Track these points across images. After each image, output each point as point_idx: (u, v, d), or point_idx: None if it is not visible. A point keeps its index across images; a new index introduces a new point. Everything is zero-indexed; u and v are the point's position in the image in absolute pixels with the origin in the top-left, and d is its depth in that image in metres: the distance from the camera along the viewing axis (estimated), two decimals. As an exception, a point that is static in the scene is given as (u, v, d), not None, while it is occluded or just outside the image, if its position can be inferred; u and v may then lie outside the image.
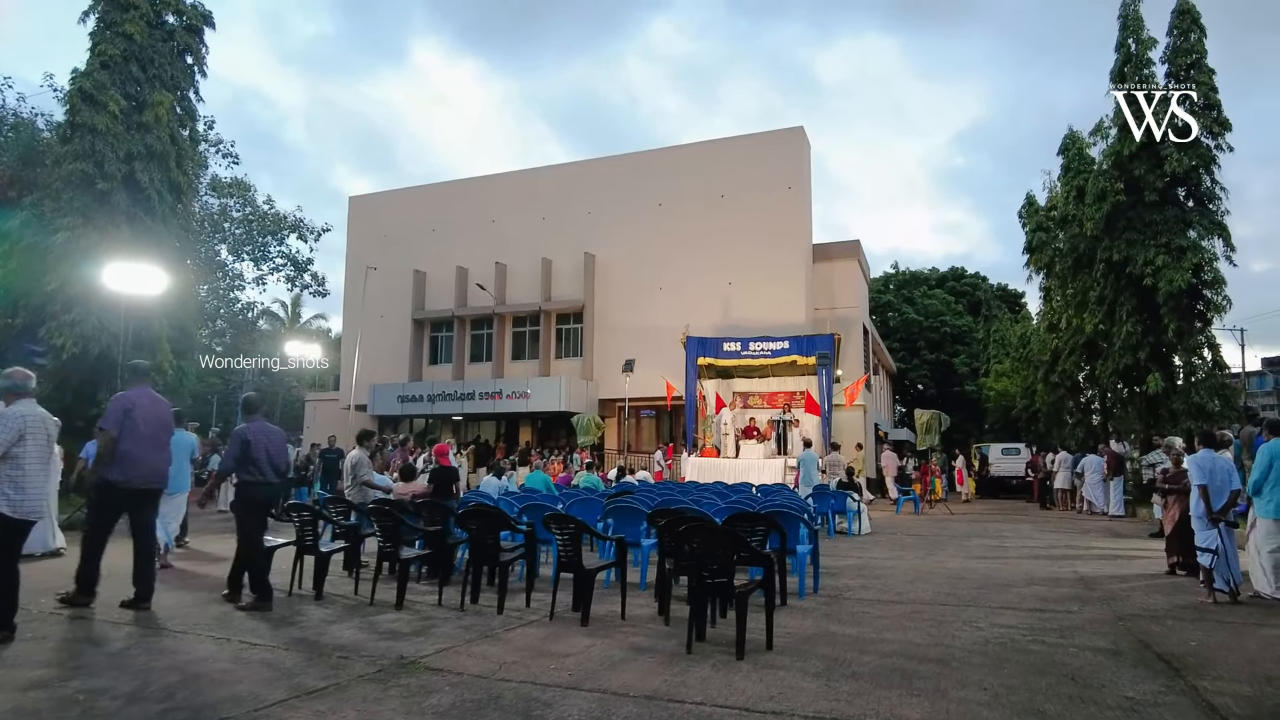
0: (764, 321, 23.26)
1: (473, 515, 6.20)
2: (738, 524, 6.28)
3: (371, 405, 28.41)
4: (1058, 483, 19.10)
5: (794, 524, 6.99)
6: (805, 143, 25.96)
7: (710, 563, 4.74)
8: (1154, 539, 12.39)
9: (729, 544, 4.72)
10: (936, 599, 6.96)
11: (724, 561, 4.72)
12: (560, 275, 27.85)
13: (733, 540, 4.75)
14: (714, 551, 4.72)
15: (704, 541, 4.77)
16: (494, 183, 30.32)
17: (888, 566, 9.20)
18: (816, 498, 12.96)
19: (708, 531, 4.76)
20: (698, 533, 4.81)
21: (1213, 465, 7.02)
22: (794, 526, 6.98)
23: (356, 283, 32.02)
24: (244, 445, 6.11)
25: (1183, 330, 14.58)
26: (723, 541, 4.71)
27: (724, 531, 4.71)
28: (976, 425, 40.91)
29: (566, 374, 26.41)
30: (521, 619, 5.89)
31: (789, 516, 7.04)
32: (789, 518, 7.02)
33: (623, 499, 8.67)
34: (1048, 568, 9.13)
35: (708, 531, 4.76)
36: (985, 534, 13.35)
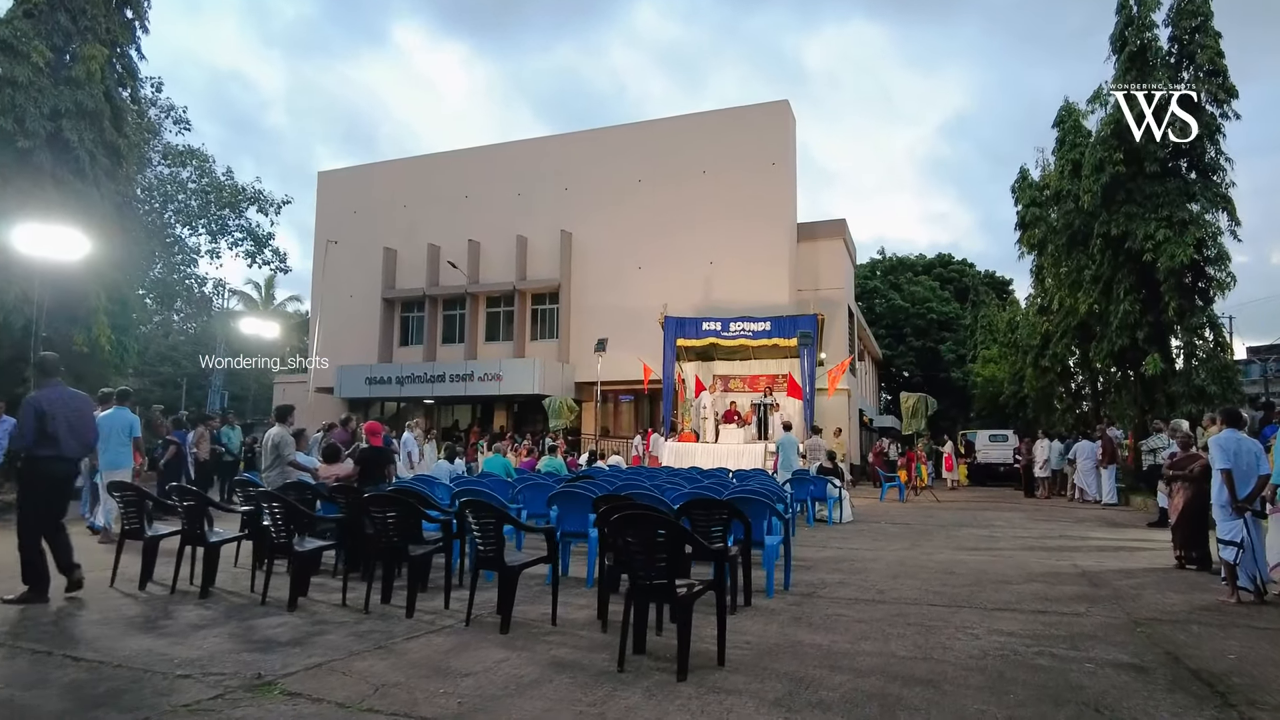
0: (746, 302, 22.33)
1: (382, 500, 5.23)
2: (694, 512, 5.37)
3: (338, 388, 27.31)
4: (1037, 470, 18.43)
5: (761, 512, 6.08)
6: (790, 117, 24.95)
7: (648, 560, 3.81)
8: (1153, 528, 11.67)
9: (671, 537, 3.79)
10: (924, 598, 6.08)
11: (665, 558, 3.79)
12: (536, 254, 26.77)
13: (675, 532, 3.81)
14: (652, 546, 3.79)
15: (640, 534, 3.83)
16: (467, 157, 29.13)
17: (869, 558, 8.33)
18: (795, 484, 12.08)
19: (646, 521, 3.82)
20: (634, 523, 3.87)
21: (1238, 447, 6.15)
22: (761, 515, 6.07)
23: (327, 260, 30.91)
24: (39, 416, 5.19)
25: (1184, 309, 13.75)
26: (663, 533, 3.78)
27: (663, 521, 3.77)
28: (963, 412, 40.28)
29: (542, 356, 25.40)
30: (433, 624, 4.95)
31: (756, 504, 6.13)
32: (756, 505, 6.11)
33: (575, 484, 7.73)
34: (1045, 561, 8.29)
35: (646, 521, 3.82)
36: (974, 523, 12.53)
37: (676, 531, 3.77)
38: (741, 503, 6.09)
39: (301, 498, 6.88)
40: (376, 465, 7.54)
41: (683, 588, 3.95)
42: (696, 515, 5.35)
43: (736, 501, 6.09)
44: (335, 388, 27.46)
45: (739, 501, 6.09)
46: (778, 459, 14.67)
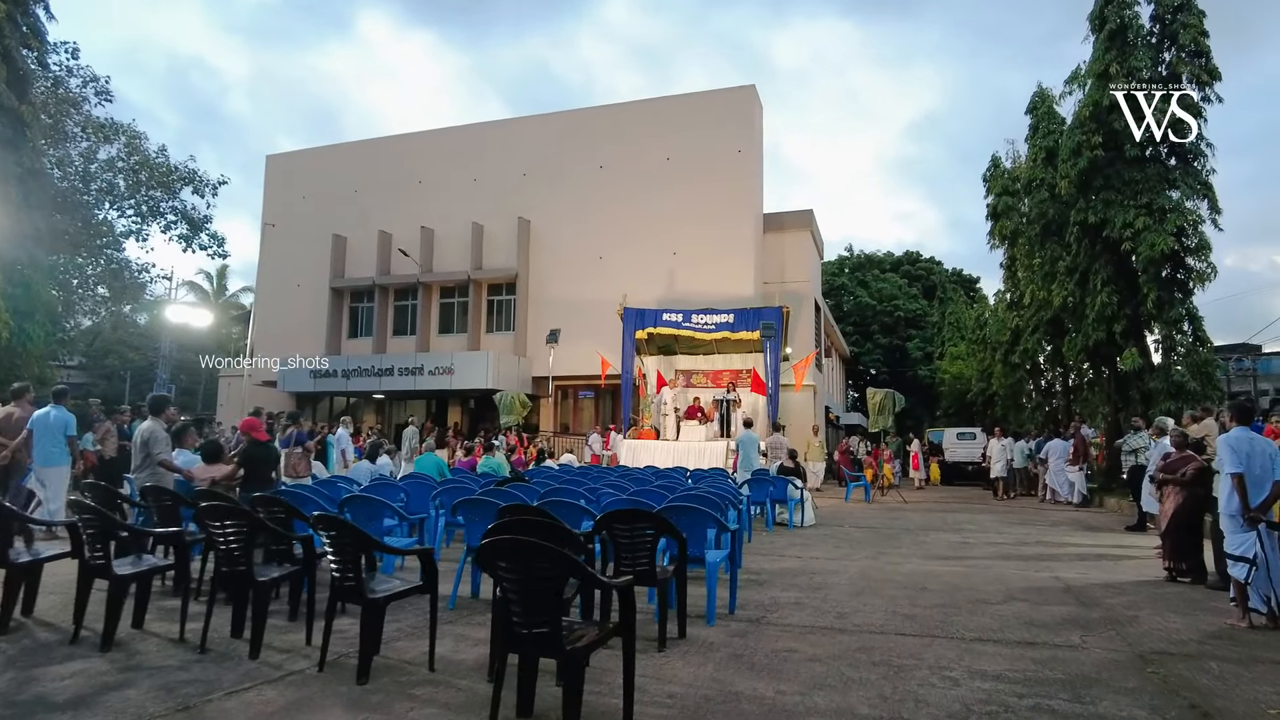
0: (710, 295, 21.40)
1: (220, 511, 4.17)
2: (616, 526, 4.39)
3: (282, 381, 25.89)
4: (994, 470, 17.46)
5: (700, 524, 5.12)
6: (756, 103, 24.09)
7: (524, 601, 2.82)
8: (1132, 533, 10.98)
9: (558, 570, 2.80)
10: (891, 623, 5.17)
11: (548, 598, 2.80)
12: (492, 242, 25.60)
13: (562, 565, 2.81)
14: (531, 582, 2.80)
15: (516, 566, 2.83)
16: (421, 141, 27.82)
17: (830, 570, 7.43)
18: (754, 484, 11.19)
19: (523, 550, 2.82)
20: (508, 552, 2.86)
21: (1250, 448, 5.32)
22: (700, 527, 5.11)
23: (273, 248, 29.46)
24: None
25: (1163, 301, 13.09)
26: (547, 566, 2.78)
27: (545, 550, 2.77)
28: (929, 410, 39.85)
29: (498, 349, 24.27)
30: (278, 669, 3.92)
31: (697, 513, 5.16)
32: (696, 515, 5.14)
33: (493, 490, 6.72)
34: (1024, 572, 7.45)
35: (523, 550, 2.82)
36: (944, 526, 11.74)
37: (564, 564, 2.77)
38: (679, 512, 5.13)
39: (160, 504, 5.80)
40: (264, 465, 6.47)
41: (580, 634, 2.97)
42: (619, 530, 4.38)
43: (674, 511, 5.13)
44: (279, 382, 26.06)
45: (675, 511, 5.13)
46: (738, 457, 13.76)
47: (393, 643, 4.49)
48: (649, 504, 5.71)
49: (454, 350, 24.68)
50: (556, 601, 2.79)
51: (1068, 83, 14.86)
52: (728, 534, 5.51)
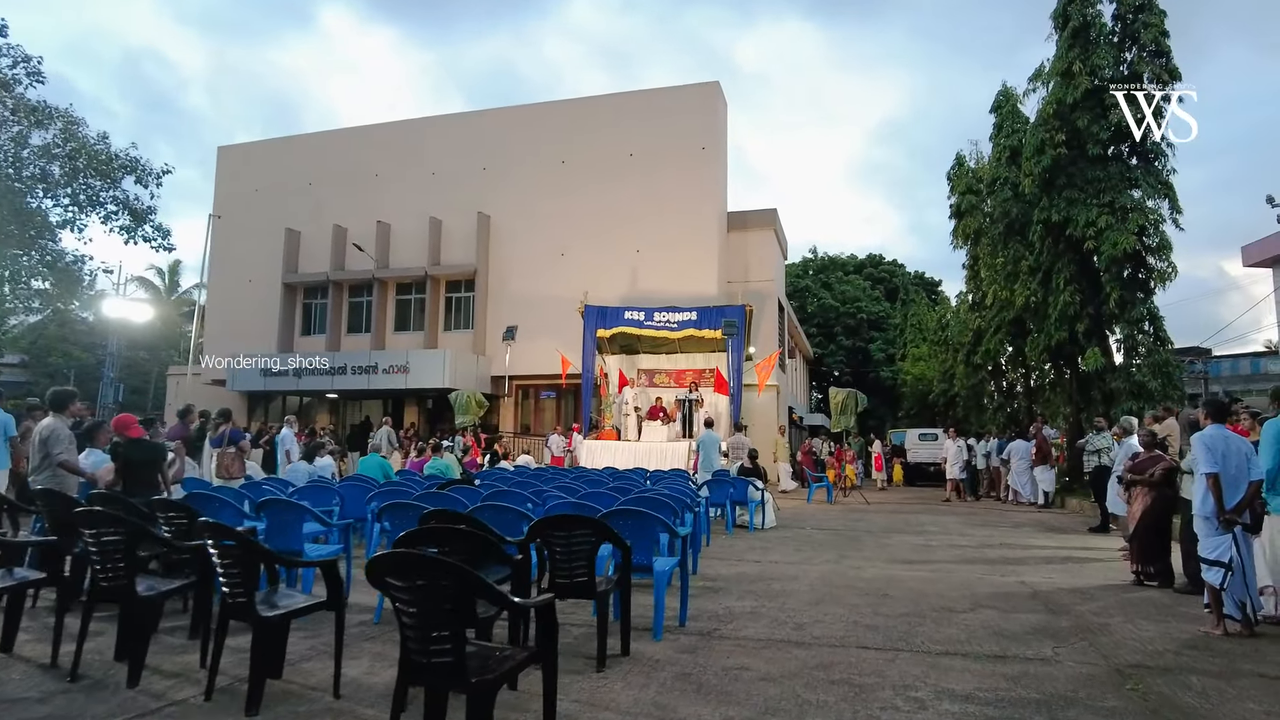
0: (673, 293, 21.03)
1: (97, 518, 3.65)
2: (551, 534, 3.97)
3: (231, 380, 24.95)
4: (950, 471, 17.05)
5: (648, 530, 4.71)
6: (721, 100, 23.81)
7: (420, 625, 2.38)
8: (1095, 534, 10.84)
9: (451, 585, 2.36)
10: (852, 635, 4.82)
11: (449, 622, 2.37)
12: (450, 237, 24.94)
13: (454, 580, 2.37)
14: (426, 600, 2.36)
15: (409, 581, 2.39)
16: (377, 133, 27.05)
17: (790, 575, 7.08)
18: (713, 486, 10.83)
19: (420, 565, 2.38)
20: (401, 568, 2.42)
21: (1225, 447, 5.07)
22: (648, 533, 4.70)
23: (223, 242, 28.42)
24: None
25: (1125, 300, 13.03)
26: (447, 585, 2.35)
27: (446, 568, 2.33)
28: (892, 411, 40.02)
29: (455, 347, 23.63)
30: (161, 697, 3.42)
31: (644, 518, 4.75)
32: (643, 520, 4.73)
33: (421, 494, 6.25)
34: (989, 577, 7.18)
35: (420, 565, 2.38)
36: (907, 528, 11.49)
37: (466, 582, 2.34)
38: (625, 517, 4.72)
39: (53, 510, 5.23)
40: (144, 467, 5.90)
41: (492, 662, 2.53)
42: (554, 538, 3.95)
43: (619, 516, 4.71)
44: (228, 380, 25.11)
45: (621, 516, 4.71)
46: (698, 458, 13.42)
47: (301, 663, 4.02)
48: (596, 508, 5.29)
49: (410, 348, 24.00)
50: (459, 626, 2.36)
51: (1031, 80, 14.79)
52: (679, 540, 5.11)
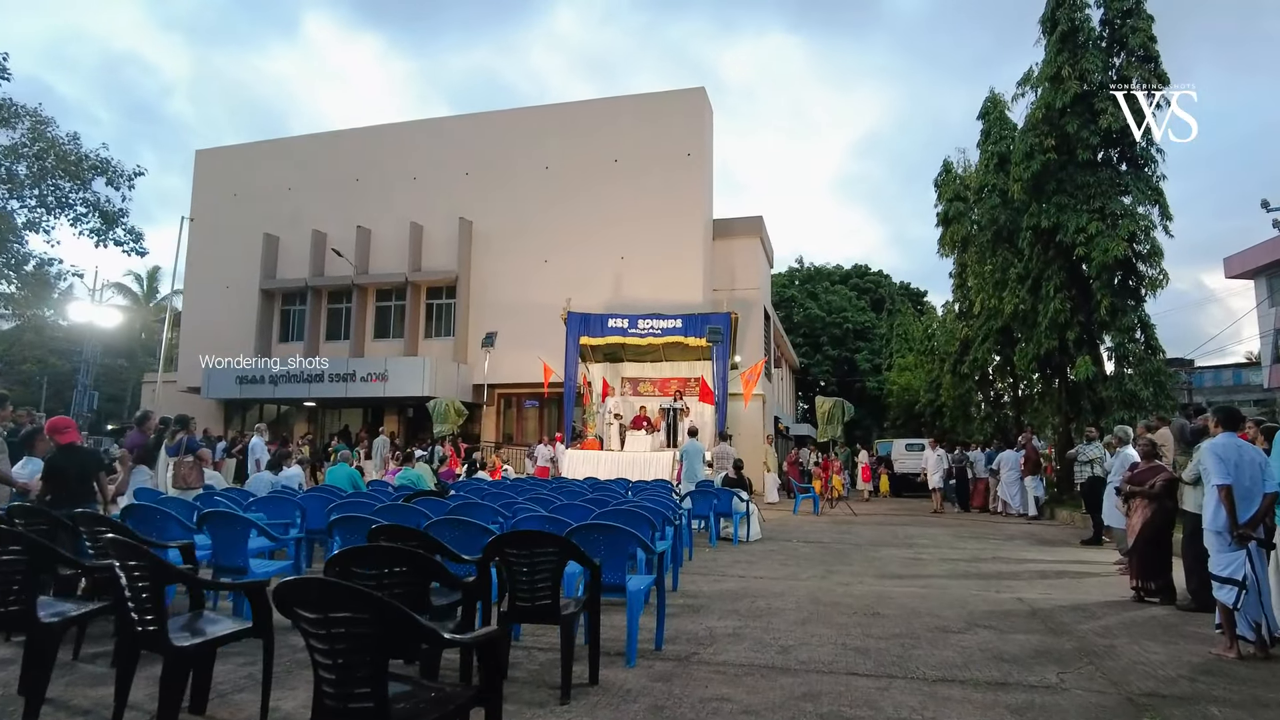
0: (658, 301, 20.71)
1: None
2: (509, 552, 3.58)
3: (206, 387, 24.37)
4: (932, 481, 16.62)
5: (621, 546, 4.33)
6: (706, 106, 23.59)
7: (333, 660, 2.00)
8: (1087, 546, 10.55)
9: (371, 619, 1.97)
10: (841, 660, 4.46)
11: (361, 659, 1.98)
12: (432, 243, 24.54)
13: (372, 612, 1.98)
14: (346, 637, 1.98)
15: (321, 613, 2.00)
16: (359, 137, 26.65)
17: (775, 592, 6.71)
18: (696, 497, 10.47)
19: (332, 593, 2.00)
20: (308, 595, 2.03)
21: (1239, 456, 4.76)
22: (621, 550, 4.33)
23: (201, 247, 27.85)
24: None
25: (1116, 308, 12.81)
26: (359, 612, 1.96)
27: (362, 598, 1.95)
28: (878, 422, 39.84)
29: (436, 355, 23.19)
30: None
31: (616, 534, 4.37)
32: (616, 536, 4.35)
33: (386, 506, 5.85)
34: (984, 593, 6.85)
35: (332, 593, 2.00)
36: (895, 540, 11.16)
37: (385, 614, 1.95)
38: (596, 533, 4.34)
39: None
40: (74, 477, 5.47)
41: (426, 706, 2.15)
42: (514, 557, 3.57)
43: (589, 532, 4.34)
44: (202, 387, 24.53)
45: (592, 532, 4.33)
46: (681, 468, 13.06)
47: (233, 694, 3.62)
48: (566, 521, 4.92)
49: (390, 356, 23.54)
50: (379, 665, 1.97)
51: (1020, 85, 14.61)
52: (656, 557, 4.73)
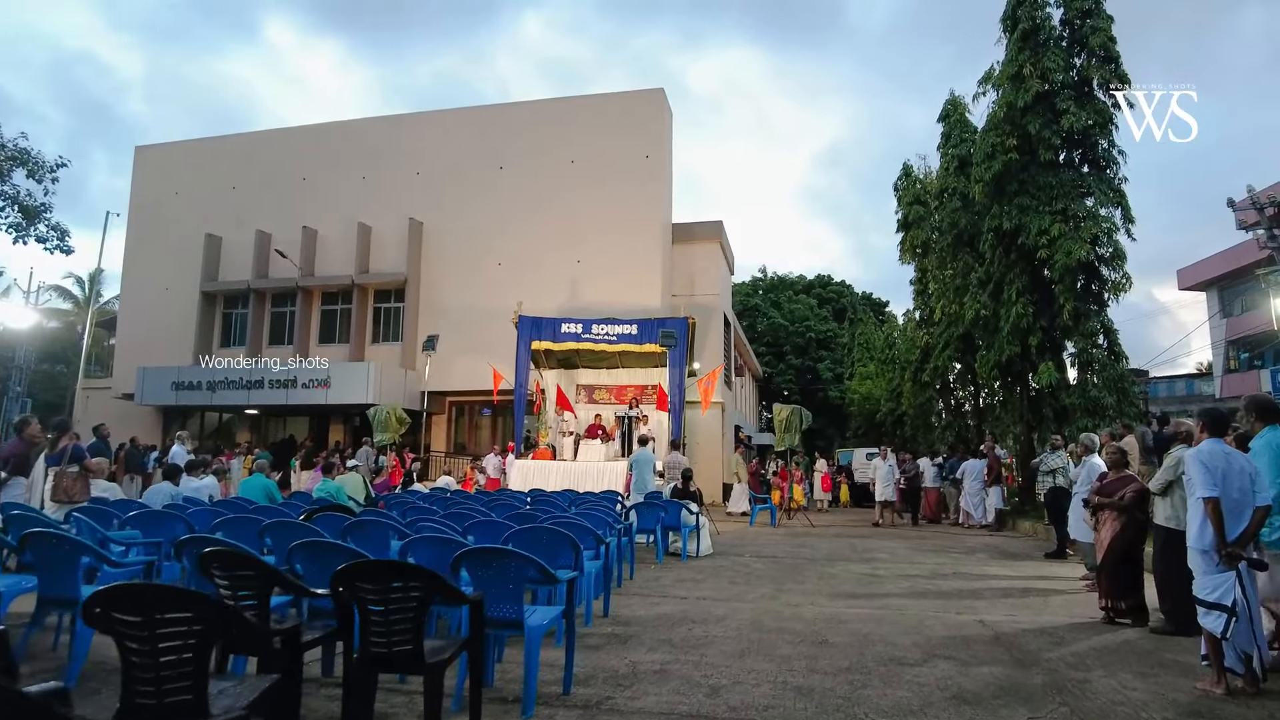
0: (616, 306, 20.03)
1: None
2: (361, 587, 2.88)
3: (139, 394, 23.16)
4: (879, 493, 15.44)
5: (518, 573, 3.63)
6: (665, 107, 23.08)
7: None
8: (1052, 560, 10.09)
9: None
10: (778, 703, 3.81)
11: None
12: (380, 245, 23.65)
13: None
14: None
15: None
16: (306, 135, 25.69)
17: (717, 616, 6.07)
18: (642, 510, 9.80)
19: None
20: None
21: (1227, 465, 4.23)
22: (518, 577, 3.63)
23: (140, 247, 26.58)
24: None
25: (1079, 312, 12.45)
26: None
27: None
28: (840, 431, 39.62)
29: (383, 360, 22.28)
30: None
31: (509, 560, 3.66)
32: (509, 562, 3.65)
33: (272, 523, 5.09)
34: (944, 614, 6.27)
35: None
36: (852, 554, 10.61)
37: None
38: (485, 559, 3.64)
39: None
40: None
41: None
42: (365, 593, 2.86)
43: (474, 558, 3.64)
44: (136, 393, 23.31)
45: (482, 557, 3.63)
46: (630, 478, 12.39)
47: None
48: (461, 542, 4.20)
49: (336, 361, 22.54)
50: None
51: (981, 83, 14.29)
52: (562, 585, 4.05)
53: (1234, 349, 34.26)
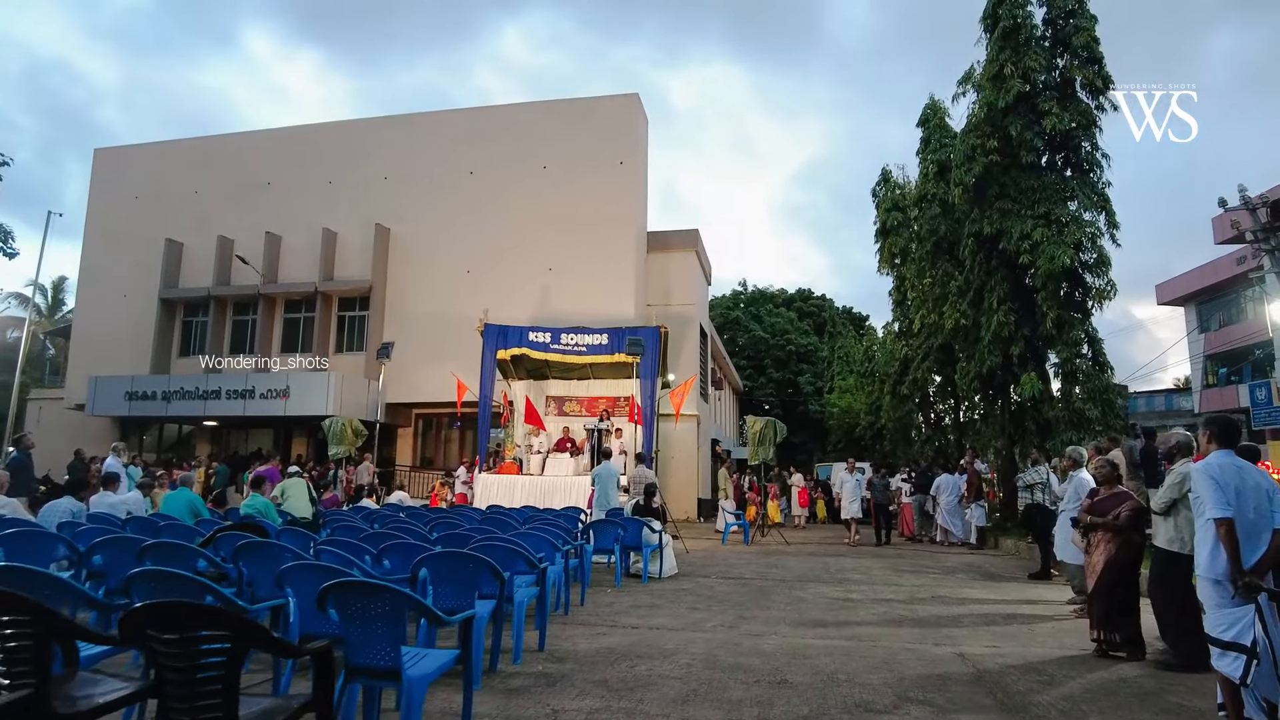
0: (588, 315, 19.34)
1: None
2: (152, 634, 2.20)
3: (91, 404, 22.18)
4: (845, 510, 14.53)
5: (393, 615, 2.96)
6: (640, 113, 22.55)
7: None
8: (1036, 581, 9.50)
9: None
10: (720, 768, 3.16)
11: None
12: (346, 251, 22.86)
13: None
14: None
15: None
16: (271, 139, 24.90)
17: (667, 650, 5.40)
18: (599, 529, 9.13)
19: None
20: None
21: (1240, 481, 3.64)
22: (394, 619, 2.95)
23: (98, 253, 25.64)
24: None
25: (1063, 320, 11.95)
26: None
27: None
28: (820, 445, 39.09)
29: (347, 370, 21.47)
30: None
31: (381, 598, 2.99)
32: (381, 603, 2.97)
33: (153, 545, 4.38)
34: (919, 645, 5.64)
35: None
36: (826, 575, 9.98)
37: None
38: (354, 594, 2.96)
39: None
40: None
41: None
42: (158, 644, 2.19)
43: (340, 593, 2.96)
44: (88, 404, 22.33)
45: (345, 593, 2.96)
46: (593, 493, 11.71)
47: None
48: (344, 574, 3.53)
49: (298, 371, 21.70)
50: None
51: (960, 84, 13.84)
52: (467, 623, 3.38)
53: (1212, 364, 34.12)
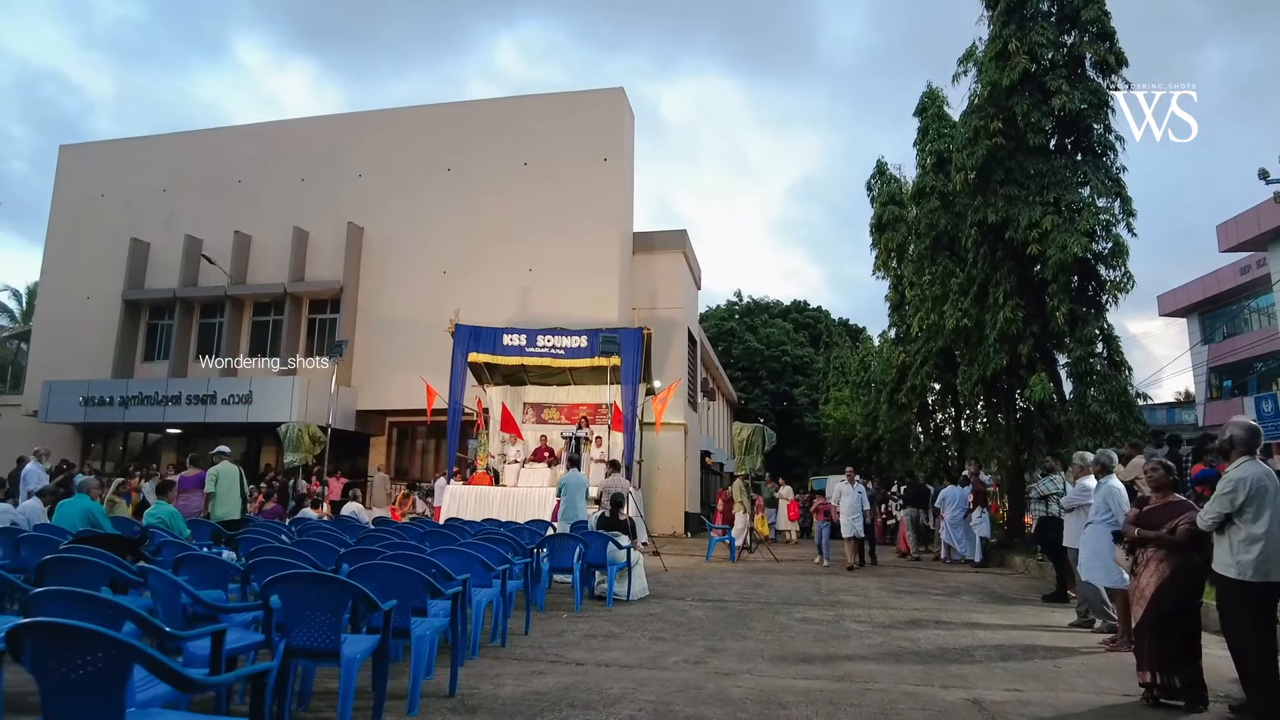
0: (570, 317, 18.27)
1: None
2: None
3: (44, 410, 21.08)
4: (845, 528, 12.53)
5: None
6: (625, 108, 21.61)
7: None
8: (1051, 604, 8.43)
9: None
10: None
11: None
12: (317, 251, 21.80)
13: None
14: None
15: None
16: (242, 135, 23.91)
17: (612, 695, 4.32)
18: (555, 545, 8.04)
19: None
20: None
21: None
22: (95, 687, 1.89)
23: (61, 254, 24.57)
24: None
25: (1075, 315, 10.91)
26: None
27: None
28: (816, 458, 38.04)
29: (316, 375, 20.37)
30: None
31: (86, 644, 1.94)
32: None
33: None
34: (924, 689, 4.56)
35: None
36: (815, 596, 8.89)
37: None
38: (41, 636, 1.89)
39: None
40: None
41: None
42: None
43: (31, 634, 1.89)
44: (41, 410, 21.23)
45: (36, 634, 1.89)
46: (559, 505, 10.61)
47: None
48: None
49: (262, 375, 20.61)
50: None
51: (961, 62, 12.86)
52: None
53: (1216, 375, 33.20)
